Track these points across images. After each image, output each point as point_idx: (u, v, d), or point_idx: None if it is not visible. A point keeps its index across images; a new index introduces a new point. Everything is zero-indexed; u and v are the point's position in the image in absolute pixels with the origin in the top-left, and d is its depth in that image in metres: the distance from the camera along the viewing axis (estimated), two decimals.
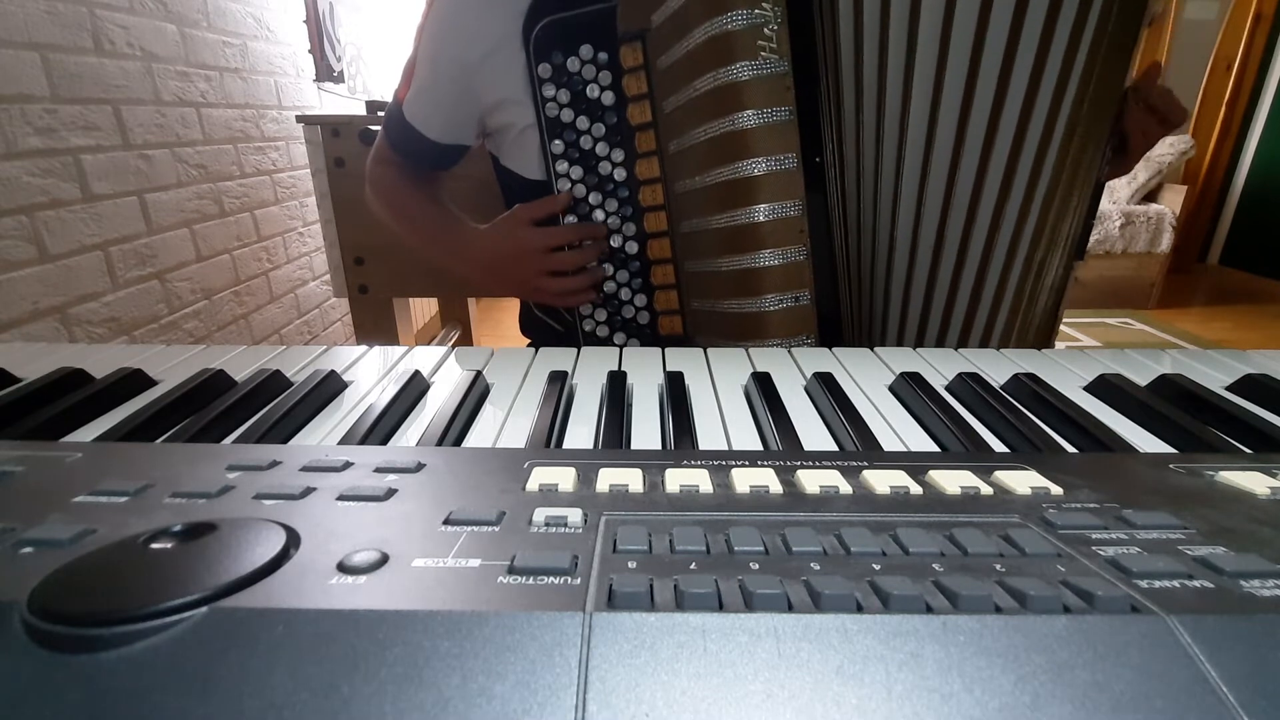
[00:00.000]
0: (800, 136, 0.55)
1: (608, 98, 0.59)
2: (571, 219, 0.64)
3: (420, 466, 0.24)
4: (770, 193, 0.56)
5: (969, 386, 0.40)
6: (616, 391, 0.39)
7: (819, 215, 0.57)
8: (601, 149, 0.61)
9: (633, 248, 0.64)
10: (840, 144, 0.57)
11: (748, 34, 0.53)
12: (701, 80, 0.55)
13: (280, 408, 0.35)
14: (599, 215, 0.63)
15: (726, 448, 0.34)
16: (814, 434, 0.35)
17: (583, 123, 0.60)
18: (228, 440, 0.34)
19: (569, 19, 0.58)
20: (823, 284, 0.58)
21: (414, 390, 0.40)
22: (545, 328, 0.76)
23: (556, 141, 0.61)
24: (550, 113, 0.60)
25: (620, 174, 0.62)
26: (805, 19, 0.54)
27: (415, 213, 0.74)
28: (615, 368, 0.45)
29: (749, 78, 0.54)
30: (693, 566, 0.17)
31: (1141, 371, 0.44)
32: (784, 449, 0.32)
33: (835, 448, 0.34)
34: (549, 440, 0.33)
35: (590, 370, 0.45)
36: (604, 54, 0.58)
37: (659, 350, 0.48)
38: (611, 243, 0.64)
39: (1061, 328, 2.78)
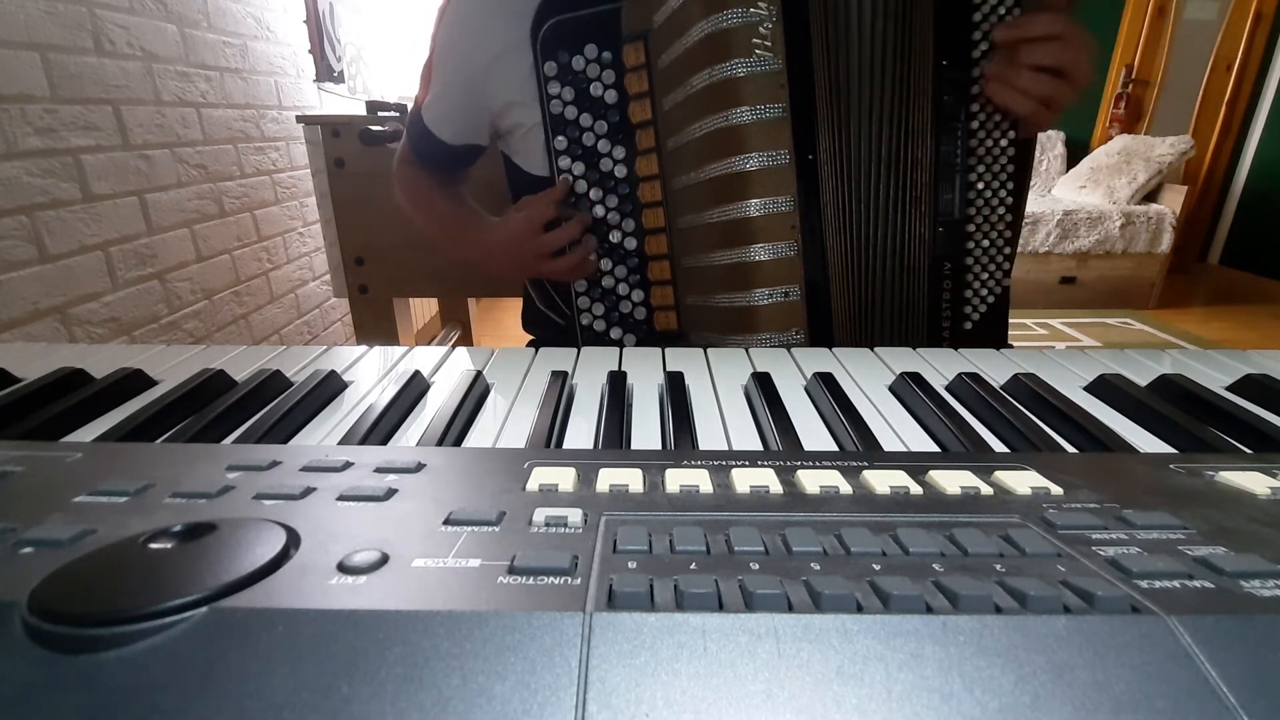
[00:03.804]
0: (793, 133, 0.56)
1: (610, 96, 0.60)
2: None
3: (420, 466, 0.24)
4: (762, 188, 0.57)
5: (969, 386, 0.40)
6: (616, 391, 0.39)
7: (810, 211, 0.58)
8: (603, 146, 0.62)
9: (631, 244, 0.65)
10: (833, 141, 0.58)
11: (743, 32, 0.54)
12: (698, 77, 0.56)
13: (280, 408, 0.35)
14: (599, 211, 0.64)
15: (726, 448, 0.34)
16: (814, 434, 0.35)
17: (586, 120, 0.61)
18: (228, 440, 0.34)
19: (575, 19, 0.59)
20: (813, 279, 0.59)
21: (414, 390, 0.40)
22: (547, 321, 0.77)
23: (560, 138, 0.62)
24: (555, 110, 0.61)
25: (621, 171, 0.62)
26: (800, 19, 0.55)
27: (436, 209, 0.78)
28: (615, 368, 0.45)
29: (744, 74, 0.55)
30: (693, 566, 0.17)
31: (1141, 371, 0.44)
32: (784, 449, 0.32)
33: (835, 448, 0.34)
34: (549, 440, 0.33)
35: (590, 370, 0.45)
36: (608, 53, 0.59)
37: (659, 350, 0.48)
38: (611, 238, 0.65)
39: (1061, 327, 2.74)
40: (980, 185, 0.61)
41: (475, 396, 0.39)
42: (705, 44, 0.55)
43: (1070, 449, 0.33)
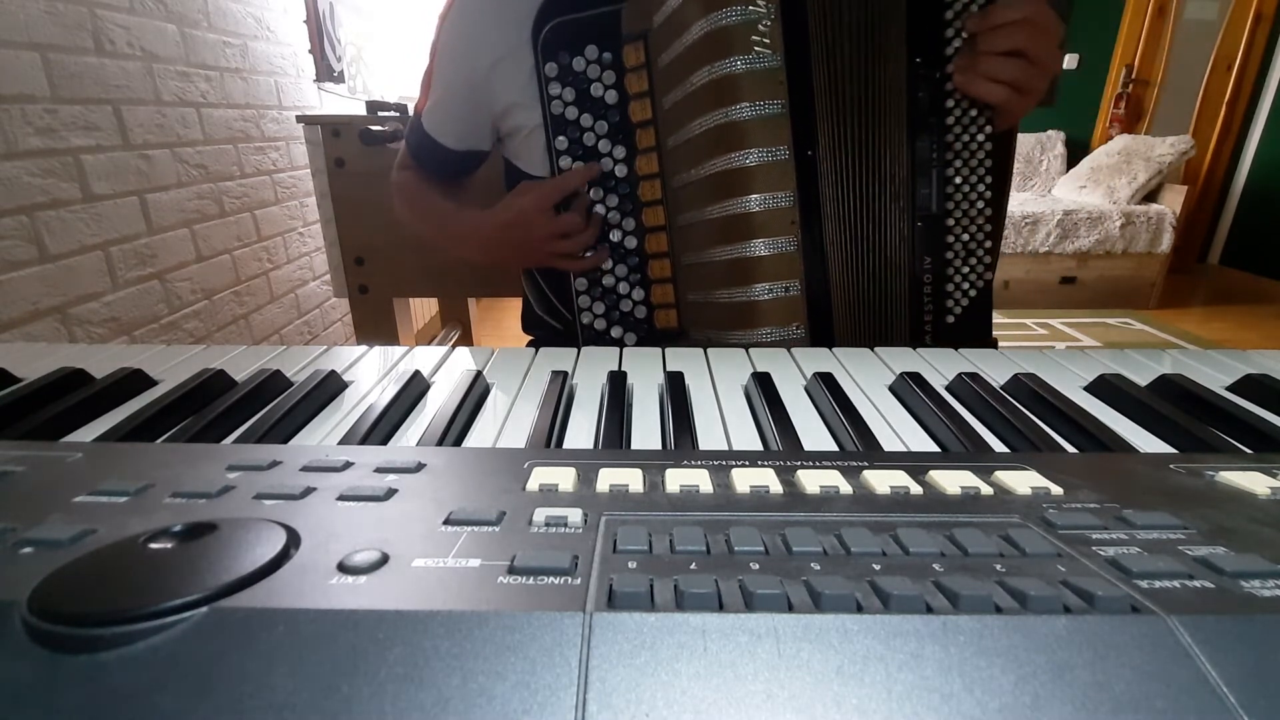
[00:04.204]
0: (792, 129, 0.57)
1: (611, 96, 0.61)
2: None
3: (420, 466, 0.24)
4: (763, 183, 0.57)
5: (969, 386, 0.40)
6: (616, 391, 0.39)
7: (810, 207, 0.59)
8: (604, 145, 0.62)
9: (631, 242, 0.65)
10: (831, 138, 0.58)
11: (742, 29, 0.55)
12: (698, 74, 0.57)
13: (280, 408, 0.35)
14: (600, 210, 0.64)
15: (726, 448, 0.34)
16: (814, 434, 0.35)
17: (586, 120, 0.62)
18: (228, 440, 0.34)
19: (576, 20, 0.60)
20: (813, 274, 0.60)
21: (414, 390, 0.40)
22: (546, 326, 0.78)
23: (560, 138, 0.63)
24: (555, 110, 0.62)
25: (621, 170, 0.63)
26: (798, 18, 0.55)
27: (435, 206, 0.77)
28: (615, 368, 0.45)
29: (743, 70, 0.55)
30: (693, 566, 0.17)
31: (1141, 371, 0.44)
32: (784, 449, 0.32)
33: (835, 448, 0.34)
34: (549, 440, 0.33)
35: (590, 370, 0.45)
36: (608, 54, 0.60)
37: (659, 350, 0.48)
38: (611, 237, 0.65)
39: (1061, 327, 2.74)
40: (958, 180, 0.61)
41: (475, 396, 0.39)
42: (705, 41, 0.55)
43: (1070, 449, 0.33)
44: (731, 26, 0.55)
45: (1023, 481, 0.23)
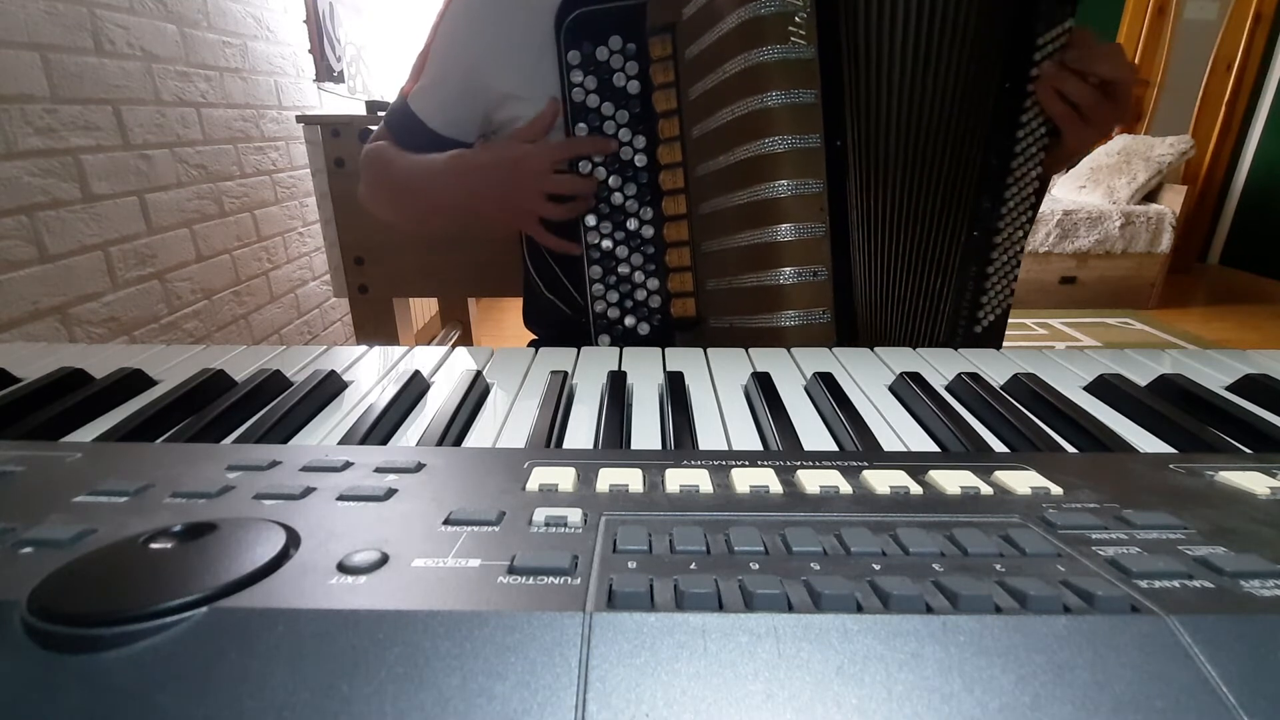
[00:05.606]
0: (824, 119, 0.58)
1: (633, 87, 0.62)
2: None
3: (420, 466, 0.24)
4: (793, 169, 0.59)
5: (969, 386, 0.40)
6: (616, 391, 0.39)
7: (838, 195, 0.60)
8: (624, 135, 0.63)
9: (648, 231, 0.65)
10: (859, 131, 0.59)
11: (778, 20, 0.56)
12: (731, 63, 0.58)
13: (280, 408, 0.35)
14: (617, 199, 0.65)
15: (726, 448, 0.34)
16: (814, 434, 0.35)
17: (607, 109, 0.62)
18: (228, 440, 0.34)
19: (600, 11, 0.60)
20: (839, 261, 0.61)
21: (414, 390, 0.40)
22: (553, 310, 0.75)
23: (580, 125, 0.63)
24: (576, 98, 0.62)
25: (641, 160, 0.63)
26: (832, 15, 0.57)
27: (406, 167, 0.72)
28: (615, 368, 0.45)
29: (778, 59, 0.57)
30: (693, 566, 0.17)
31: (1141, 371, 0.44)
32: (784, 449, 0.32)
33: (835, 448, 0.34)
34: (549, 440, 0.33)
35: (590, 370, 0.45)
36: (632, 45, 0.61)
37: (659, 350, 0.48)
38: (628, 226, 0.65)
39: (1061, 327, 2.74)
40: (1012, 203, 0.64)
41: (475, 396, 0.39)
42: (740, 31, 0.57)
43: (1070, 449, 0.33)
44: (768, 17, 0.56)
45: (1023, 481, 0.23)
